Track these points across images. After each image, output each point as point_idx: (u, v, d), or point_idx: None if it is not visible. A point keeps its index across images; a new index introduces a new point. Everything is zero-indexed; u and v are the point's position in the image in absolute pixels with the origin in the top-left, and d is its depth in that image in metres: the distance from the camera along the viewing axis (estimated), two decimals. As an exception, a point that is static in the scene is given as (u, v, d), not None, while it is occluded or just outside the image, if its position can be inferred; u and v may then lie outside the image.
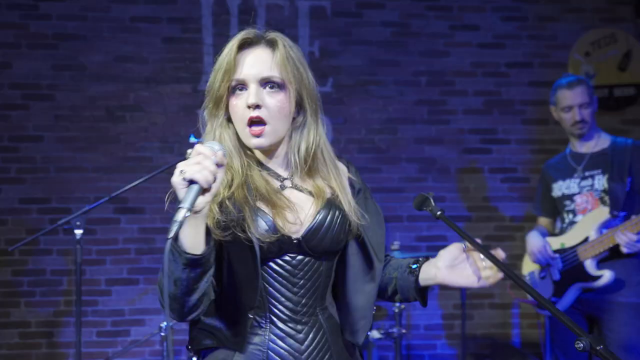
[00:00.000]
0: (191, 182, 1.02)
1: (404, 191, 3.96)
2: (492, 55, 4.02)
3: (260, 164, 1.30)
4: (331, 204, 1.29)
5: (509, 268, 1.27)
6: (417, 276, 1.34)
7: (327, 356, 1.26)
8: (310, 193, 1.30)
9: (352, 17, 3.96)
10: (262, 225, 1.21)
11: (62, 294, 3.67)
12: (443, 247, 1.36)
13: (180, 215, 0.99)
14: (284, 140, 1.29)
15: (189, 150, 1.09)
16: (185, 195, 1.01)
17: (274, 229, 1.21)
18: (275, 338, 1.23)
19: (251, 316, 1.23)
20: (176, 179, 1.03)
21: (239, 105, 1.23)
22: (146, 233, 3.73)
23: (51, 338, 3.66)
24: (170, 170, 1.18)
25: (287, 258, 1.25)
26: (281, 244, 1.23)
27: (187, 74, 3.85)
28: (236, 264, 1.21)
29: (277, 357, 1.22)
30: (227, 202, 1.20)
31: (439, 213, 1.38)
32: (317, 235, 1.25)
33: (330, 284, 1.34)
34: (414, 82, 3.98)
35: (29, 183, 3.68)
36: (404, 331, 3.01)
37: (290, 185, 1.30)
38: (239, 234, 1.18)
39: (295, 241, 1.25)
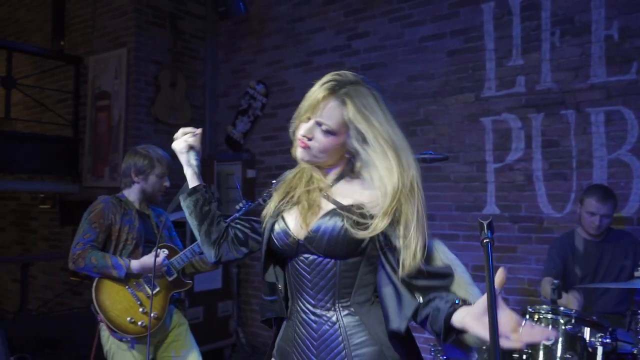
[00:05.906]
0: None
1: None
2: None
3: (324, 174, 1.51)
4: (336, 213, 1.39)
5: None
6: (454, 310, 1.25)
7: (339, 347, 1.40)
8: (336, 202, 1.43)
9: (665, -18, 3.22)
10: (278, 229, 1.49)
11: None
12: None
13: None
14: (341, 162, 1.47)
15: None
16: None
17: (285, 232, 1.47)
18: (299, 324, 1.48)
19: (290, 305, 1.52)
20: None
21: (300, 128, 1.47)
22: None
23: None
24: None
25: (302, 257, 1.45)
26: (292, 245, 1.45)
27: (470, 82, 3.88)
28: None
29: (298, 339, 1.48)
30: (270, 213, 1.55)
31: (484, 241, 1.19)
32: (315, 238, 1.40)
33: (357, 284, 1.41)
34: None
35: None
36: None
37: (325, 194, 1.47)
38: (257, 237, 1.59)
39: (301, 242, 1.44)
